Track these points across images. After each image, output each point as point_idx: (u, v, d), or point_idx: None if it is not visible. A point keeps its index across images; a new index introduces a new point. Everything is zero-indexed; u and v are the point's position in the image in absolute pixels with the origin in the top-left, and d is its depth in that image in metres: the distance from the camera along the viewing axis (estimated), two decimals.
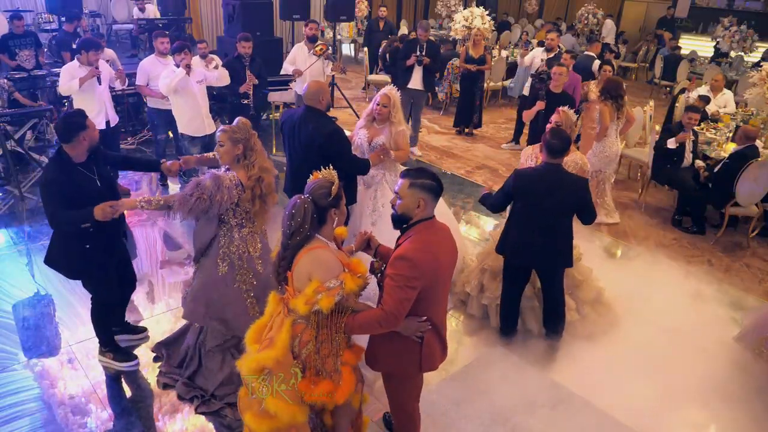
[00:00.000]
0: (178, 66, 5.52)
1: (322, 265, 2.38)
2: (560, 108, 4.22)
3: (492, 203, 3.80)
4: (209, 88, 5.99)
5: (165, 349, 3.69)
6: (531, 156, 4.19)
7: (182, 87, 5.47)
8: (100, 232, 3.23)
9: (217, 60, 6.09)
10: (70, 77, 5.26)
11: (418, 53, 7.39)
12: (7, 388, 3.40)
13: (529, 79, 7.99)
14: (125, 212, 3.48)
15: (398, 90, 4.41)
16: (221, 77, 5.98)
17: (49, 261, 3.39)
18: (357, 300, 2.47)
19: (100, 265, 3.38)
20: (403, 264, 2.35)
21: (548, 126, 3.96)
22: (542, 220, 3.59)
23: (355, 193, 4.21)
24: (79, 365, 3.63)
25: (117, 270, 3.53)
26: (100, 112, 5.42)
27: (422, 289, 2.40)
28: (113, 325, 3.72)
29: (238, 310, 3.26)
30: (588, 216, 3.66)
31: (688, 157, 6.06)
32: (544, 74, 6.48)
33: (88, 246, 3.26)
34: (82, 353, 3.72)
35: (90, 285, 3.49)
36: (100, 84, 5.38)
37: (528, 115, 6.24)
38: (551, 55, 7.62)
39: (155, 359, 3.69)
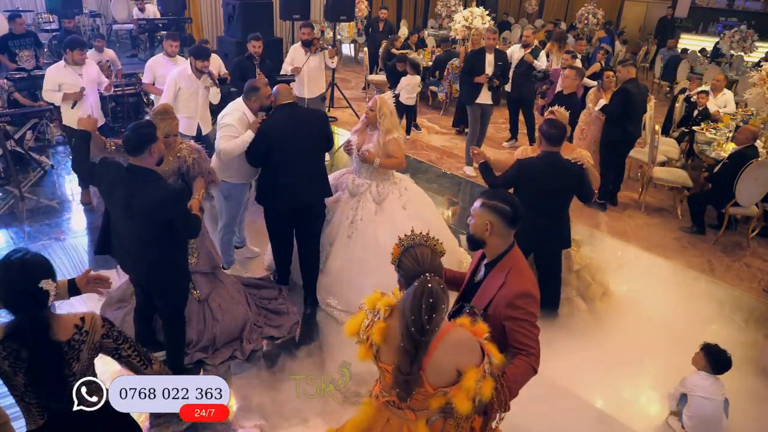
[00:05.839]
0: (202, 72, 5.17)
1: (467, 349, 1.95)
2: (553, 108, 4.34)
3: (492, 185, 3.86)
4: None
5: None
6: (522, 155, 4.26)
7: (188, 89, 5.24)
8: None
9: (213, 78, 5.48)
10: (53, 84, 5.20)
11: (488, 72, 6.71)
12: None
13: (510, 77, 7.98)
14: None
15: (468, 106, 4.36)
16: (213, 95, 5.59)
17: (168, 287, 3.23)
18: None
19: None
20: (531, 301, 2.27)
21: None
22: (544, 206, 3.71)
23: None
24: None
25: None
26: (85, 113, 5.36)
27: None
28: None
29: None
30: (586, 195, 3.86)
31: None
32: (540, 73, 6.59)
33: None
34: None
35: (179, 300, 3.30)
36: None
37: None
38: (528, 50, 7.66)
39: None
